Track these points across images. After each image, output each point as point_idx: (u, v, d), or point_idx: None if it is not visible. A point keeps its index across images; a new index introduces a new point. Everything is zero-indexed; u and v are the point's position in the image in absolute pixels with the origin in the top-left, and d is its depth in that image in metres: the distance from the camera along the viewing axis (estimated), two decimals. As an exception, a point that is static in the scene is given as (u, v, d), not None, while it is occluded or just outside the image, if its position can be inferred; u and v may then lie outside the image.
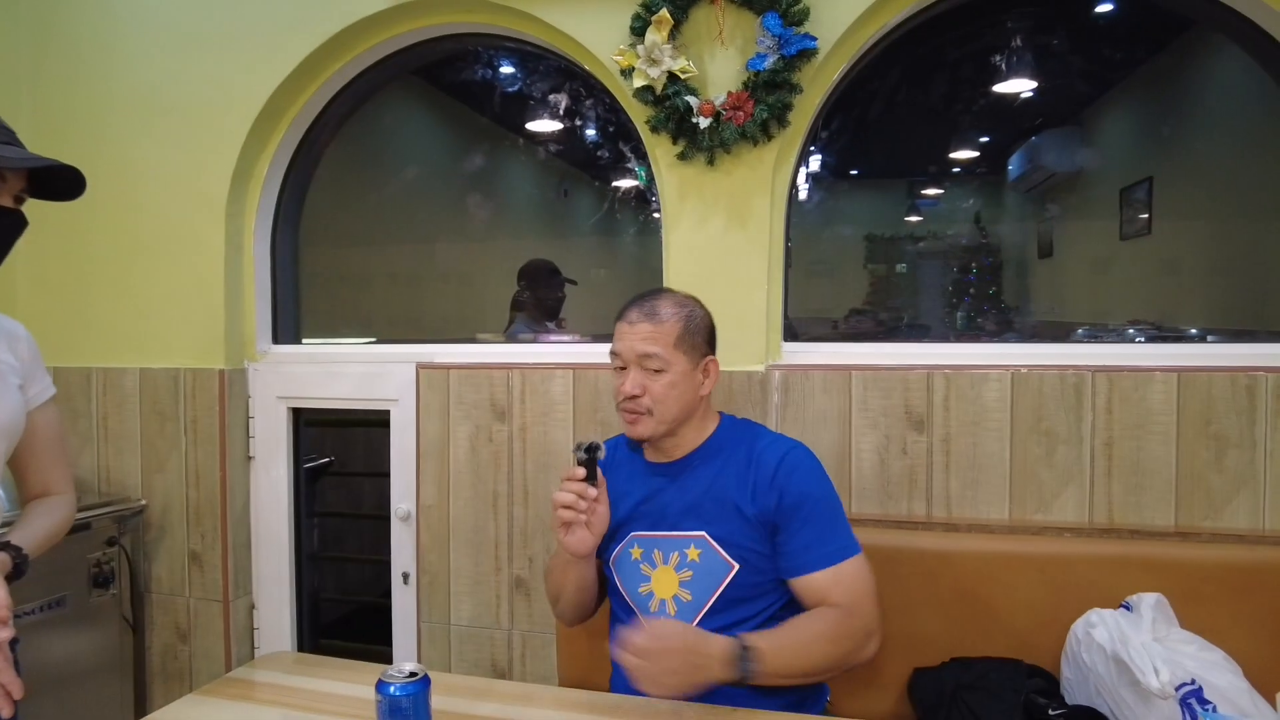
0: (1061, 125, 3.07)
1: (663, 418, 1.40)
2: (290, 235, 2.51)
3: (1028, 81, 2.49)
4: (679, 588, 1.40)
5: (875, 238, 3.55)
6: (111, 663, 2.27)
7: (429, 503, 2.19)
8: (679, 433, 1.45)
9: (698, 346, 1.43)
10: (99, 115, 2.40)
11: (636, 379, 1.40)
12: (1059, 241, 3.17)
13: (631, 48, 1.91)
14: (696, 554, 1.40)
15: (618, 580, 1.47)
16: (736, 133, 1.86)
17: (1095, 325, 2.60)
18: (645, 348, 1.39)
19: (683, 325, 1.42)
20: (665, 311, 1.42)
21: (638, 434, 1.42)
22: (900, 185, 3.57)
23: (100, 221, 2.40)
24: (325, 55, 2.26)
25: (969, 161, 3.23)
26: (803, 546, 1.36)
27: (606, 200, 2.43)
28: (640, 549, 1.44)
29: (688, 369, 1.41)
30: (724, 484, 1.41)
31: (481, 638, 2.16)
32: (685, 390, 1.41)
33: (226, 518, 2.33)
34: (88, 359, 2.43)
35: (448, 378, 2.16)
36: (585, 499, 1.36)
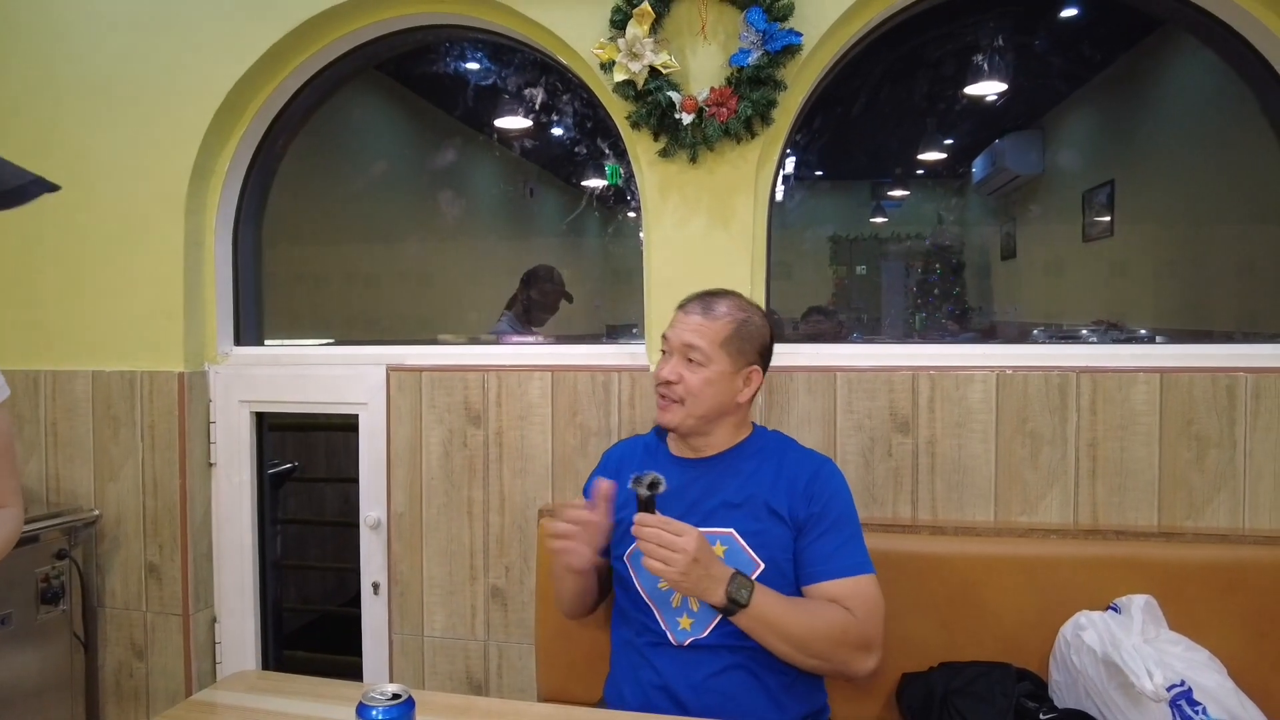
0: (1025, 128, 3.09)
1: (693, 411, 1.41)
2: (253, 233, 2.41)
3: (995, 84, 2.50)
4: None
5: (840, 239, 3.56)
6: (61, 682, 2.15)
7: (400, 510, 2.12)
8: (711, 431, 1.46)
9: (745, 353, 1.44)
10: (49, 105, 2.27)
11: (675, 366, 1.42)
12: (1022, 244, 3.20)
13: (612, 41, 1.86)
14: (722, 550, 1.38)
15: (635, 577, 1.43)
16: (720, 129, 1.82)
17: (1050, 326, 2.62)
18: (691, 338, 1.41)
19: (734, 328, 1.43)
20: (721, 310, 1.44)
21: (666, 421, 1.44)
22: (864, 187, 3.58)
23: (50, 217, 2.28)
24: (290, 46, 2.18)
25: (935, 163, 3.24)
26: (824, 555, 1.37)
27: (584, 200, 2.38)
28: None
29: (728, 370, 1.42)
30: (757, 484, 1.42)
31: (456, 649, 2.09)
32: (721, 390, 1.42)
33: (186, 527, 2.22)
34: (35, 362, 2.30)
35: (419, 380, 2.09)
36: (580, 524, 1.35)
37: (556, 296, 2.69)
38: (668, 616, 1.40)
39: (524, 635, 2.03)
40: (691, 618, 1.38)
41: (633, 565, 1.43)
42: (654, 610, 1.41)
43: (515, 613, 2.04)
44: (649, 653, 1.40)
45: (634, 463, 1.50)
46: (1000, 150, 3.20)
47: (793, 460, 1.45)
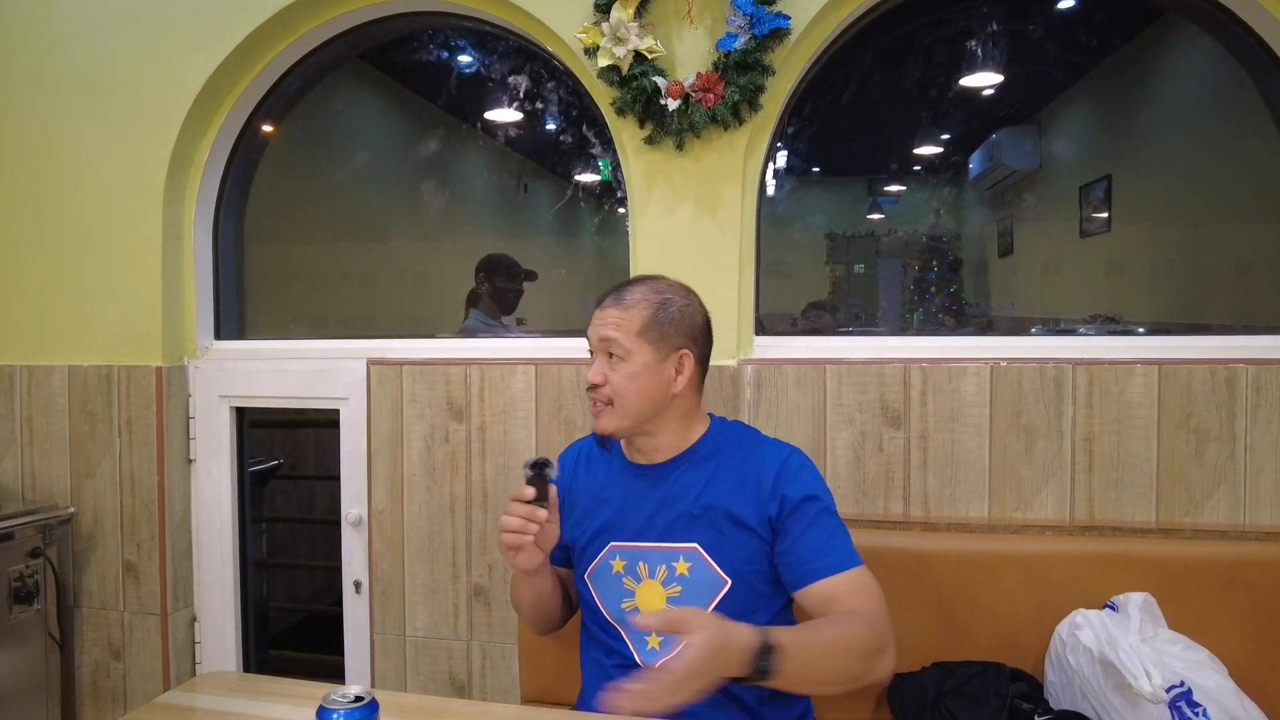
0: (1022, 121, 3.04)
1: (625, 411, 1.29)
2: (233, 225, 2.37)
3: (990, 75, 2.45)
4: (667, 604, 1.28)
5: (836, 236, 3.51)
6: (35, 684, 2.11)
7: (381, 507, 2.07)
8: (655, 432, 1.33)
9: (669, 338, 1.30)
10: (21, 93, 2.23)
11: (599, 367, 1.31)
12: (1019, 240, 3.15)
13: (596, 25, 1.82)
14: (687, 567, 1.28)
15: (596, 596, 1.35)
16: (706, 116, 1.78)
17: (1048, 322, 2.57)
18: (606, 331, 1.30)
19: (650, 313, 1.30)
20: (633, 297, 1.32)
21: (601, 427, 1.32)
22: (860, 183, 3.53)
23: (24, 207, 2.24)
24: (270, 33, 2.13)
25: (931, 158, 3.19)
26: (811, 552, 1.24)
27: (569, 191, 2.32)
28: (623, 561, 1.32)
29: (652, 361, 1.29)
30: (717, 491, 1.30)
31: (438, 649, 2.04)
32: (649, 384, 1.29)
33: (165, 525, 2.18)
34: (10, 356, 2.26)
35: (400, 374, 2.05)
36: (535, 522, 1.23)
37: (520, 279, 2.63)
38: (634, 637, 1.32)
39: (507, 635, 1.98)
40: (660, 637, 1.29)
41: (594, 584, 1.35)
42: (620, 631, 1.33)
43: (499, 612, 2.00)
44: (617, 675, 1.30)
45: (587, 463, 1.43)
46: (996, 144, 3.15)
47: (755, 458, 1.31)
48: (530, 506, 1.23)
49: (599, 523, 1.35)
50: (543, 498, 1.23)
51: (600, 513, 1.36)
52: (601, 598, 1.34)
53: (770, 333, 1.98)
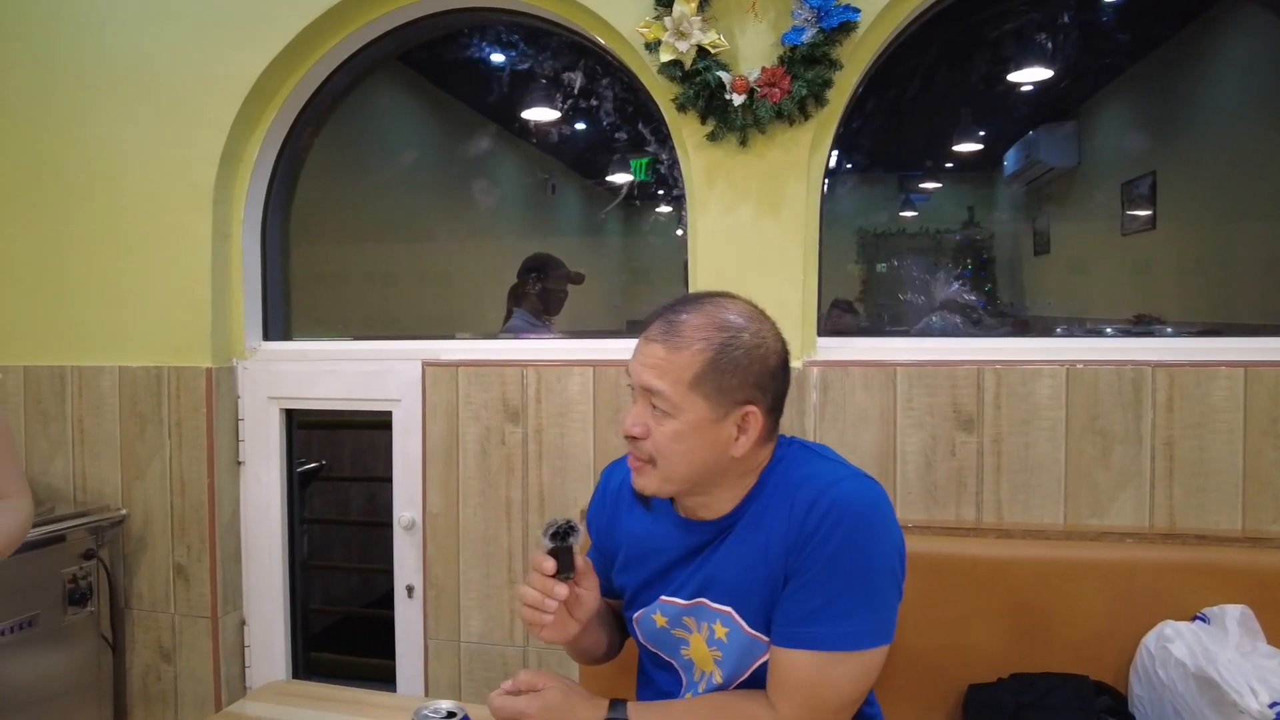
0: (1063, 117, 2.97)
1: (668, 475, 1.04)
2: (280, 225, 2.35)
3: (1036, 71, 2.39)
4: (713, 664, 1.13)
5: (867, 233, 3.46)
6: (89, 684, 2.10)
7: (436, 510, 2.04)
8: (708, 493, 1.08)
9: (730, 390, 1.02)
10: (73, 95, 2.22)
11: (639, 415, 1.04)
12: (1056, 238, 3.08)
13: (657, 20, 1.78)
14: (724, 632, 1.10)
15: (649, 645, 1.19)
16: (772, 111, 1.74)
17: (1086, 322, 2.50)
18: (650, 380, 1.02)
19: (708, 358, 1.01)
20: (689, 334, 1.02)
21: (639, 486, 1.08)
22: (890, 179, 3.47)
23: (76, 208, 2.23)
24: (319, 31, 2.11)
25: (967, 155, 3.13)
26: (799, 616, 1.01)
27: (622, 189, 2.28)
28: (665, 617, 1.15)
29: (706, 419, 1.01)
30: (755, 547, 1.07)
31: (493, 655, 2.01)
32: (699, 446, 1.02)
33: (214, 527, 2.16)
34: (61, 357, 2.25)
35: (455, 375, 2.02)
36: (554, 599, 1.04)
37: (566, 280, 2.60)
38: (691, 686, 1.16)
39: (564, 641, 1.94)
40: (710, 687, 1.14)
41: (642, 630, 1.19)
42: (679, 673, 1.17)
43: (555, 617, 1.96)
44: None
45: (634, 500, 1.20)
46: (1033, 141, 3.09)
47: (797, 497, 1.04)
48: (549, 581, 1.04)
49: (647, 574, 1.17)
50: (567, 569, 1.05)
51: (647, 565, 1.17)
52: (657, 646, 1.20)
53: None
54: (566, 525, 1.03)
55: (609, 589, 1.23)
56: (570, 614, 1.08)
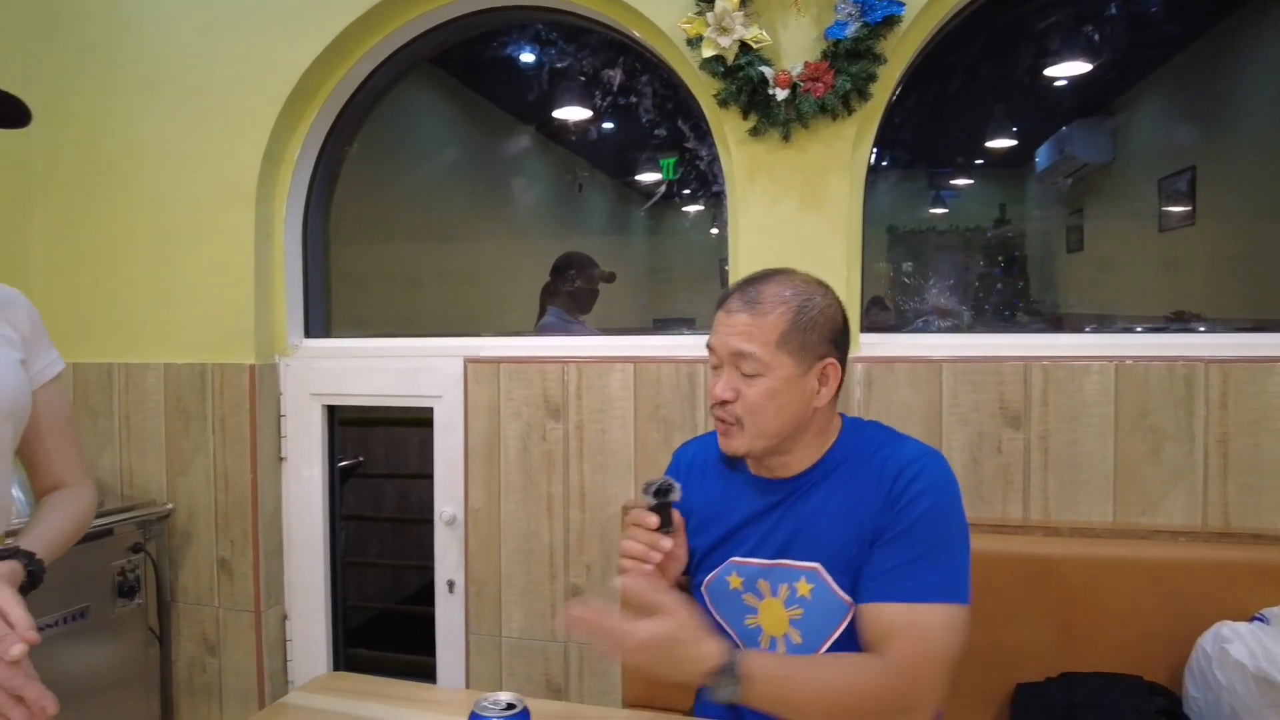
0: (1098, 112, 2.93)
1: (760, 431, 1.15)
2: (321, 223, 2.37)
3: (1075, 64, 2.35)
4: (789, 626, 1.17)
5: (896, 230, 3.42)
6: (136, 676, 2.14)
7: (477, 506, 2.05)
8: (790, 450, 1.19)
9: (811, 346, 1.14)
10: (118, 95, 2.26)
11: (729, 381, 1.15)
12: (1090, 235, 3.03)
13: (699, 15, 1.77)
14: (808, 589, 1.16)
15: (715, 611, 1.24)
16: (815, 105, 1.73)
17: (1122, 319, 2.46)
18: (739, 345, 1.13)
19: (790, 319, 1.13)
20: (770, 300, 1.14)
21: (730, 448, 1.18)
22: (920, 175, 3.44)
23: (124, 208, 2.27)
24: (361, 30, 2.13)
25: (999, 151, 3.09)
26: (886, 569, 1.09)
27: (660, 188, 2.28)
28: (740, 578, 1.21)
29: (794, 374, 1.14)
30: (844, 505, 1.16)
31: (534, 651, 2.02)
32: (790, 400, 1.14)
33: (257, 522, 2.19)
34: (108, 354, 2.29)
35: (497, 372, 2.03)
36: (659, 551, 1.12)
37: (598, 279, 2.61)
38: None
39: (605, 637, 1.95)
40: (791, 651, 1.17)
41: (712, 598, 1.24)
42: (742, 649, 1.20)
43: (596, 614, 1.96)
44: None
45: (705, 470, 1.30)
46: (1066, 136, 3.04)
47: (882, 462, 1.16)
48: (654, 535, 1.12)
49: (717, 535, 1.25)
50: (666, 524, 1.13)
51: (719, 525, 1.25)
52: (721, 613, 1.24)
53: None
54: (666, 483, 1.12)
55: None
56: (663, 571, 1.16)
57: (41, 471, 1.17)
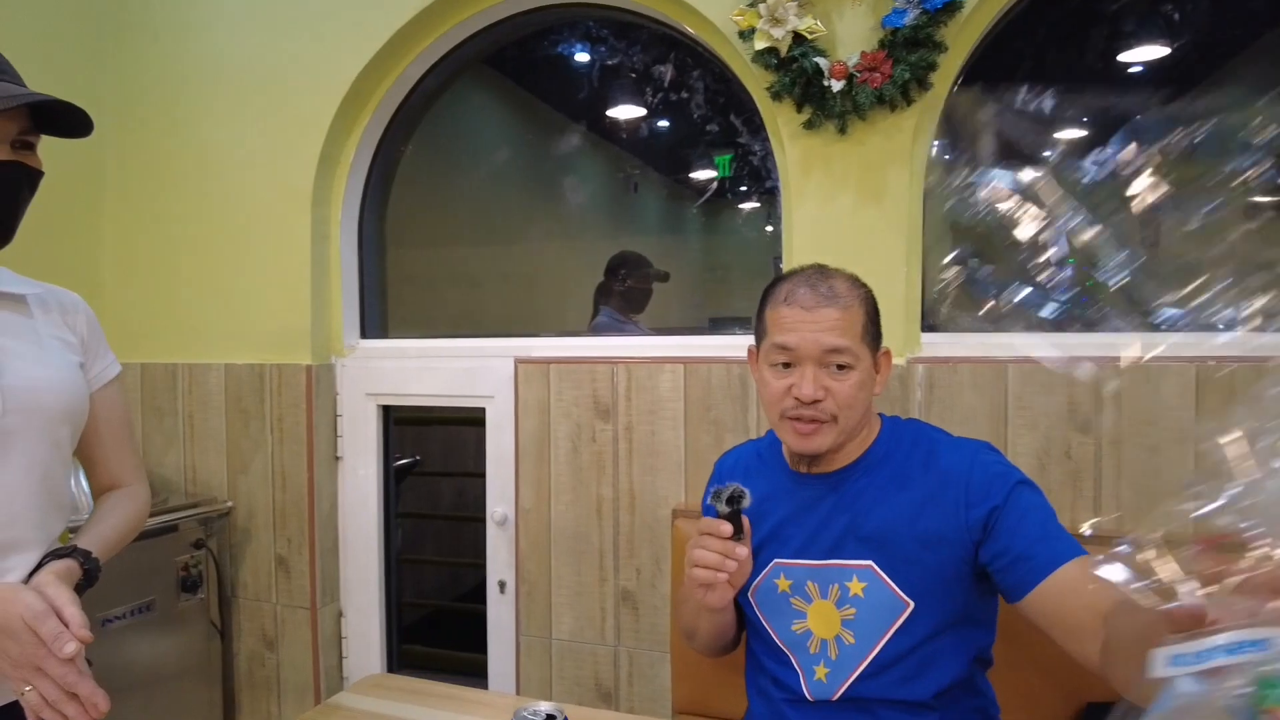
0: (1179, 97, 2.77)
1: (847, 426, 1.14)
2: (376, 224, 2.40)
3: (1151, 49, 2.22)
4: (841, 627, 1.16)
5: (957, 225, 3.31)
6: (199, 668, 2.19)
7: (527, 507, 2.04)
8: (851, 439, 1.20)
9: (876, 336, 1.18)
10: (182, 103, 2.32)
11: (816, 378, 1.12)
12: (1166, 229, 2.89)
13: (752, 7, 1.73)
14: (861, 587, 1.15)
15: (762, 617, 1.23)
16: (872, 96, 1.67)
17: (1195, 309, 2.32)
18: (833, 340, 1.11)
19: (866, 311, 1.16)
20: (846, 294, 1.15)
21: (814, 446, 1.15)
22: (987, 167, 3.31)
23: (184, 211, 2.33)
24: (414, 31, 2.14)
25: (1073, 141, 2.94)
26: (1030, 540, 1.06)
27: (712, 184, 2.24)
28: (789, 580, 1.20)
29: (869, 365, 1.16)
30: (897, 500, 1.15)
31: (584, 654, 2.00)
32: (869, 391, 1.16)
33: (313, 521, 2.22)
34: (172, 354, 2.35)
35: (547, 372, 2.01)
36: (734, 559, 1.09)
37: (651, 278, 2.58)
38: (804, 665, 1.19)
39: (655, 643, 1.92)
40: (829, 666, 1.16)
41: (759, 604, 1.23)
42: (789, 657, 1.20)
43: (646, 618, 1.94)
44: (788, 711, 1.20)
45: (748, 473, 1.30)
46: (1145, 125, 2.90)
47: (944, 458, 1.16)
48: (729, 543, 1.09)
49: (760, 537, 1.23)
50: (739, 532, 1.10)
51: (761, 526, 1.23)
52: (768, 619, 1.22)
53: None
54: (738, 490, 1.10)
55: None
56: (731, 582, 1.13)
57: (99, 471, 1.20)
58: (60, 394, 1.07)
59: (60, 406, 1.07)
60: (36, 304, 1.11)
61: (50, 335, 1.11)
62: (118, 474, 1.21)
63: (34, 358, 1.06)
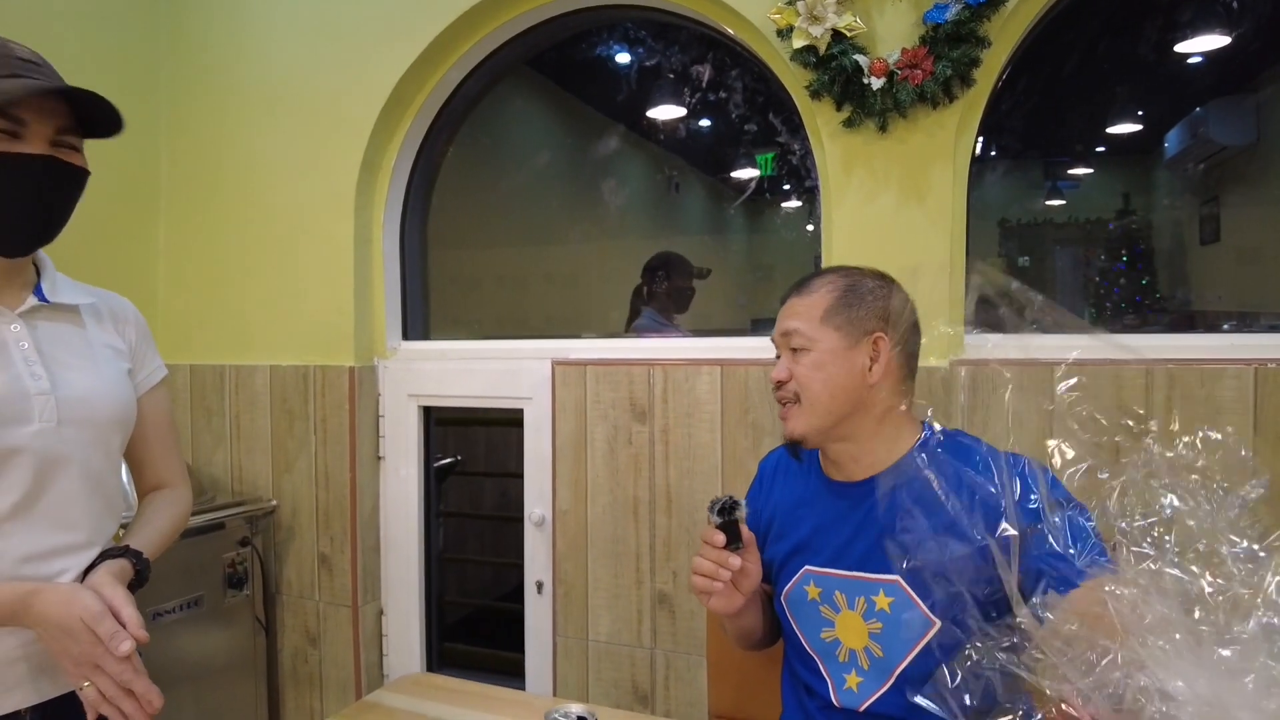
0: (1236, 91, 2.67)
1: (813, 406, 1.14)
2: (418, 228, 2.42)
3: (1210, 38, 2.14)
4: (869, 639, 1.15)
5: (1009, 223, 3.23)
6: (245, 663, 2.23)
7: (565, 508, 2.05)
8: (852, 437, 1.17)
9: (859, 321, 1.15)
10: (231, 110, 2.37)
11: (783, 363, 1.18)
12: (1227, 225, 2.77)
13: (790, 5, 1.71)
14: (888, 602, 1.13)
15: (793, 623, 1.23)
16: (914, 93, 1.64)
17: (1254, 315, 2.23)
18: (787, 323, 1.18)
19: (836, 296, 1.16)
20: (817, 283, 1.19)
21: (790, 431, 1.17)
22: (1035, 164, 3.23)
23: (233, 217, 2.38)
24: (453, 37, 2.17)
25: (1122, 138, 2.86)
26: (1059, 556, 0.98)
27: (751, 184, 2.22)
28: (818, 588, 1.20)
29: (839, 347, 1.14)
30: (930, 517, 1.09)
31: (621, 656, 2.00)
32: (838, 373, 1.14)
33: (355, 520, 2.25)
34: (221, 356, 2.41)
35: (584, 374, 2.02)
36: (728, 569, 1.12)
37: (691, 277, 2.56)
38: (833, 673, 1.19)
39: (693, 646, 1.91)
40: (861, 675, 1.16)
41: (791, 610, 1.23)
42: (818, 665, 1.20)
43: (683, 621, 1.93)
44: (819, 717, 1.20)
45: (785, 476, 1.30)
46: (1200, 118, 2.79)
47: (983, 471, 1.08)
48: (722, 553, 1.12)
49: (793, 543, 1.23)
50: (735, 540, 1.12)
51: (795, 531, 1.23)
52: (799, 624, 1.22)
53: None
54: (730, 501, 1.12)
55: (765, 573, 1.27)
56: (736, 586, 1.15)
57: (145, 473, 1.23)
58: (112, 403, 1.10)
59: (112, 415, 1.10)
60: (89, 314, 1.14)
61: (102, 344, 1.14)
62: (163, 475, 1.24)
63: (86, 369, 1.09)
